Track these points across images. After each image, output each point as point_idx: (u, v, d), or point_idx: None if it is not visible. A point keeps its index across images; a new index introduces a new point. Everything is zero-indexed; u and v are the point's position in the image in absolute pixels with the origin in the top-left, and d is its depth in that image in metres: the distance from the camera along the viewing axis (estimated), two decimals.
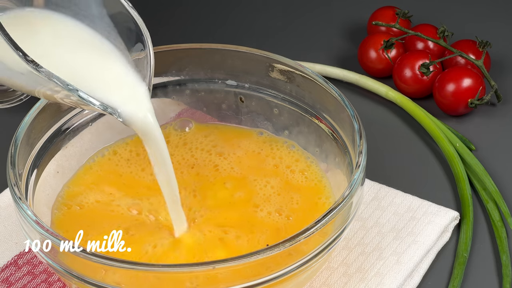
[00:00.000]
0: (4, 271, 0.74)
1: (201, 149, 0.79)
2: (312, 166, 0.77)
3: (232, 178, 0.76)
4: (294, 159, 0.77)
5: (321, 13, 1.06)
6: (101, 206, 0.73)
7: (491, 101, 0.93)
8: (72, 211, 0.73)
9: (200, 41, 0.99)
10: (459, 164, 0.84)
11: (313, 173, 0.76)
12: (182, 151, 0.79)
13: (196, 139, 0.80)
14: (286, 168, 0.77)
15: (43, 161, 0.74)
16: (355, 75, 0.95)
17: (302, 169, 0.76)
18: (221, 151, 0.78)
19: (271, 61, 0.77)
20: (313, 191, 0.75)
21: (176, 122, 0.81)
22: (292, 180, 0.76)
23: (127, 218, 0.72)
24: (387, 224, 0.78)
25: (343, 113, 0.73)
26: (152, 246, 0.70)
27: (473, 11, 1.06)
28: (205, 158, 0.78)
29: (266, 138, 0.79)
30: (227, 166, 0.77)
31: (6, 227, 0.78)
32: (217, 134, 0.80)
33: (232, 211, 0.73)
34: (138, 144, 0.78)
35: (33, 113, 0.72)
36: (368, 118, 0.89)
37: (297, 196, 0.74)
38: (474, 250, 0.78)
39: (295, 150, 0.78)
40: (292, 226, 0.72)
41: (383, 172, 0.85)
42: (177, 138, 0.80)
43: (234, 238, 0.70)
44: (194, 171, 0.77)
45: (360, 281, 0.73)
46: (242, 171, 0.76)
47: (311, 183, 0.76)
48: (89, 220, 0.72)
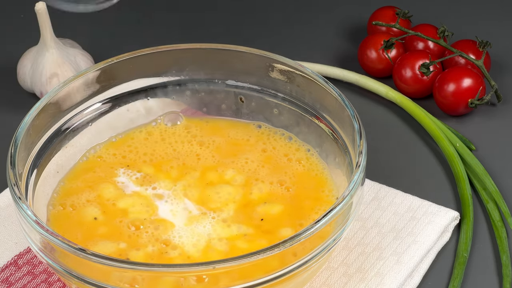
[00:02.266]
0: (4, 271, 0.74)
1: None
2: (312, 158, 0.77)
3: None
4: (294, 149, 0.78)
5: (321, 13, 1.06)
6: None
7: (491, 101, 0.93)
8: (66, 211, 0.73)
9: (200, 41, 0.99)
10: (459, 164, 0.84)
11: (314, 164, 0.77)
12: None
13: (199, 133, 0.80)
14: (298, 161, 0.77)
15: (43, 161, 0.74)
16: (355, 75, 0.95)
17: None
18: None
19: (271, 61, 0.77)
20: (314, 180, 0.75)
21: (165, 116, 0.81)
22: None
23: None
24: (387, 224, 0.78)
25: (343, 113, 0.73)
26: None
27: (473, 11, 1.05)
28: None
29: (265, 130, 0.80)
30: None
31: (6, 227, 0.78)
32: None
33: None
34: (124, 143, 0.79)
35: (33, 113, 0.72)
36: (368, 118, 0.89)
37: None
38: (474, 250, 0.78)
39: (292, 141, 0.79)
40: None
41: (383, 172, 0.85)
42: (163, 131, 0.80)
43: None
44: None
45: (360, 281, 0.73)
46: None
47: (312, 173, 0.76)
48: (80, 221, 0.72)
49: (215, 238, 0.70)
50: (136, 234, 0.71)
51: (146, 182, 0.75)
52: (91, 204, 0.73)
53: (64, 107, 0.76)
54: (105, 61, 0.77)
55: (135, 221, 0.72)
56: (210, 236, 0.70)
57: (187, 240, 0.70)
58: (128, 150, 0.78)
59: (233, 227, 0.71)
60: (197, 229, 0.71)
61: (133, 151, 0.78)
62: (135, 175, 0.76)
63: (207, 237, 0.70)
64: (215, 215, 0.72)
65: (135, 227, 0.71)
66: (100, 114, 0.78)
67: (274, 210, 0.73)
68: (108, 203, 0.73)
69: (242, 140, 0.79)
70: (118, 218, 0.72)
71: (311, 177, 0.75)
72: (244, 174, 0.75)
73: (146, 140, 0.79)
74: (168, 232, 0.71)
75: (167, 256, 0.69)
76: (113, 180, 0.75)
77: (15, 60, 0.94)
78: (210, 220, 0.72)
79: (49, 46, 0.90)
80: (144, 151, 0.78)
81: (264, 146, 0.78)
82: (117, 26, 1.05)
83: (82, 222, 0.72)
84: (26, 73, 0.92)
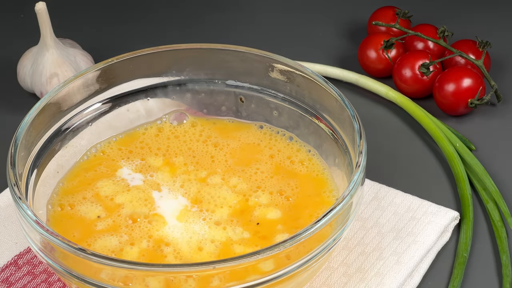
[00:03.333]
0: (4, 271, 0.74)
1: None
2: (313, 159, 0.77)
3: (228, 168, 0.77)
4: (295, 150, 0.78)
5: (321, 13, 1.06)
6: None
7: (491, 101, 0.93)
8: (65, 211, 0.73)
9: (200, 41, 0.99)
10: (459, 164, 0.84)
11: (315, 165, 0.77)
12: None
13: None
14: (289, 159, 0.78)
15: (43, 161, 0.74)
16: (355, 75, 0.95)
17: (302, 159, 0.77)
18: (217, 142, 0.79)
19: (271, 61, 0.77)
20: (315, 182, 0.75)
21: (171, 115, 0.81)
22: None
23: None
24: (387, 224, 0.78)
25: (343, 113, 0.73)
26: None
27: (473, 11, 1.05)
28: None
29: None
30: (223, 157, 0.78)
31: (6, 227, 0.78)
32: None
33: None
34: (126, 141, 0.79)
35: (33, 113, 0.72)
36: (368, 118, 0.89)
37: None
38: (474, 250, 0.78)
39: (293, 141, 0.79)
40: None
41: (383, 172, 0.85)
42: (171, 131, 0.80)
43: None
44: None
45: (360, 281, 0.73)
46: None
47: (313, 173, 0.76)
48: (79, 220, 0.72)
49: (208, 239, 0.70)
50: (131, 229, 0.71)
51: (150, 173, 0.76)
52: (89, 201, 0.73)
53: (64, 107, 0.76)
54: (105, 61, 0.77)
55: (133, 215, 0.72)
56: (203, 236, 0.71)
57: (181, 237, 0.70)
58: (140, 147, 0.79)
59: (228, 229, 0.71)
60: (191, 227, 0.71)
61: (145, 147, 0.79)
62: (138, 167, 0.76)
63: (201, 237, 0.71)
64: (212, 215, 0.72)
65: (132, 220, 0.72)
66: (100, 114, 0.78)
67: (272, 216, 0.73)
68: (107, 199, 0.74)
69: (253, 145, 0.79)
70: (115, 213, 0.72)
71: (312, 178, 0.75)
72: (250, 184, 0.76)
73: (157, 137, 0.80)
74: (161, 229, 0.71)
75: (160, 254, 0.69)
76: (114, 174, 0.76)
77: (15, 60, 0.94)
78: (206, 220, 0.72)
79: (49, 46, 0.90)
80: (157, 146, 0.79)
81: (271, 151, 0.78)
82: (117, 26, 1.05)
83: (81, 220, 0.72)
84: (26, 73, 0.92)
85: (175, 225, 0.71)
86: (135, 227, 0.71)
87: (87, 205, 0.73)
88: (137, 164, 0.77)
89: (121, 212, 0.72)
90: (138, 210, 0.73)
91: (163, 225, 0.71)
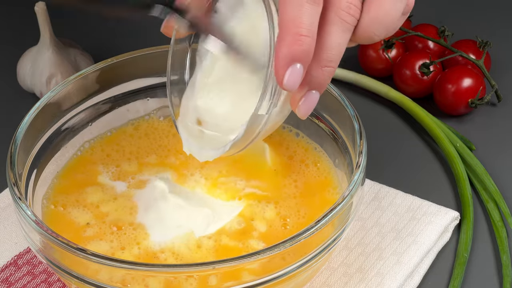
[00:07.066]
0: (4, 271, 0.74)
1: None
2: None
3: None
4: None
5: None
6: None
7: (491, 101, 0.93)
8: (57, 210, 0.73)
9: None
10: (459, 164, 0.84)
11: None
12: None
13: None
14: None
15: (43, 161, 0.74)
16: (355, 75, 0.95)
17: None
18: None
19: None
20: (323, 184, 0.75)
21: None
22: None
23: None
24: (387, 224, 0.78)
25: (343, 113, 0.73)
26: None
27: (473, 11, 1.05)
28: None
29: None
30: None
31: (6, 227, 0.78)
32: None
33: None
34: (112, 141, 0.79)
35: (33, 113, 0.72)
36: (368, 118, 0.89)
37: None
38: (474, 250, 0.78)
39: (300, 137, 0.79)
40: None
41: (383, 172, 0.85)
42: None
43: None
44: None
45: (360, 281, 0.73)
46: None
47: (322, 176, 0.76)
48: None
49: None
50: (119, 235, 0.71)
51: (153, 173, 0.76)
52: (81, 205, 0.73)
53: (64, 107, 0.76)
54: (105, 61, 0.77)
55: (117, 222, 0.72)
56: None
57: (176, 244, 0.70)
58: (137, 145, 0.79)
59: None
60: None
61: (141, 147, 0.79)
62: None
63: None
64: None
65: (117, 227, 0.71)
66: (100, 114, 0.78)
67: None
68: (93, 206, 0.73)
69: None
70: (102, 219, 0.72)
71: (321, 180, 0.75)
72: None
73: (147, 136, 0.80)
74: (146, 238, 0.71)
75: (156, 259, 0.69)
76: (102, 175, 0.76)
77: (15, 60, 0.94)
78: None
79: (49, 46, 0.90)
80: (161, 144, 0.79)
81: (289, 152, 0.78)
82: (117, 26, 1.05)
83: (71, 223, 0.72)
84: (26, 73, 0.92)
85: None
86: (121, 234, 0.71)
87: (79, 209, 0.73)
88: (136, 164, 0.77)
89: (105, 220, 0.72)
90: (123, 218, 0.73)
91: (147, 236, 0.71)
